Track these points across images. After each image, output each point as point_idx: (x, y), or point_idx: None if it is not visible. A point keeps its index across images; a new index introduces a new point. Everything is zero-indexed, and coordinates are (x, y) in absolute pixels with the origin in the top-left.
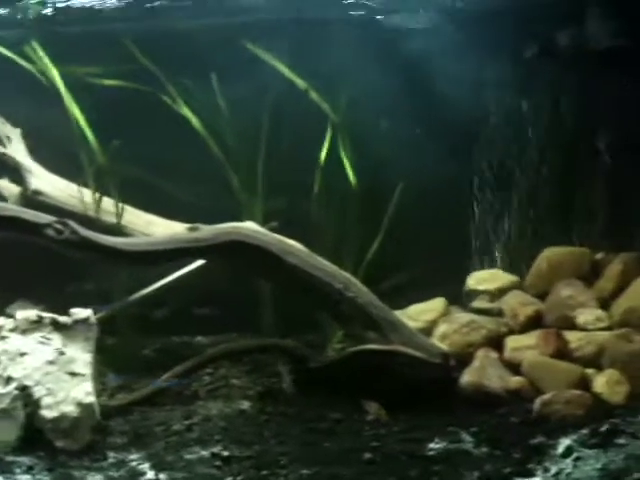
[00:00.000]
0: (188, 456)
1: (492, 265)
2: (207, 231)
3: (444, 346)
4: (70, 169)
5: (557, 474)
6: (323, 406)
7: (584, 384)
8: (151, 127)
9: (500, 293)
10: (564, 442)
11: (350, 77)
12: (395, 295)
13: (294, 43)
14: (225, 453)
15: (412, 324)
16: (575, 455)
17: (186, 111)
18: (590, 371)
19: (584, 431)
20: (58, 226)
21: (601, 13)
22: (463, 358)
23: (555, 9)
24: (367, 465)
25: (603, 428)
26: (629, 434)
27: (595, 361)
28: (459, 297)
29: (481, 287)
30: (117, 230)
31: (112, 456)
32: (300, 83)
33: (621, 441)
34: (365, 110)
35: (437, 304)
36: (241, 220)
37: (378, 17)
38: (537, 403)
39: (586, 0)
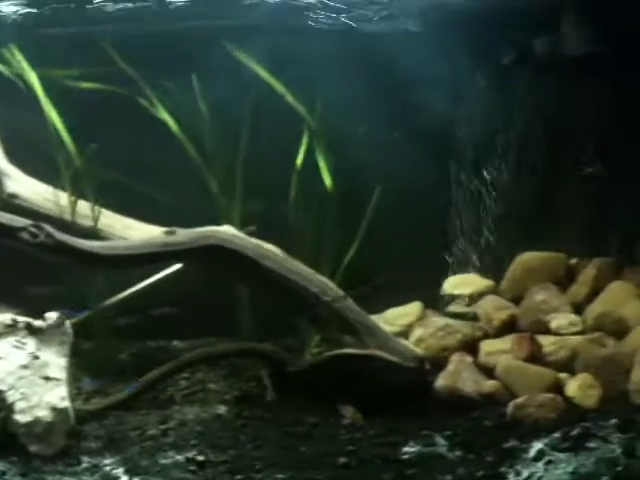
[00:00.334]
0: (163, 461)
1: (468, 269)
2: (184, 235)
3: (419, 350)
4: (48, 172)
5: (528, 478)
6: (300, 410)
7: (557, 388)
8: (129, 130)
9: (476, 297)
10: (536, 446)
11: (327, 82)
12: (372, 299)
13: (273, 47)
14: (200, 458)
15: (389, 328)
16: (546, 459)
17: (164, 114)
18: (563, 375)
19: (556, 435)
20: (33, 229)
21: (577, 20)
22: (438, 362)
23: (532, 16)
24: (342, 469)
25: (575, 432)
26: (600, 438)
27: (568, 365)
28: (436, 301)
29: (457, 291)
30: (93, 234)
31: (86, 461)
32: (278, 87)
33: (592, 445)
34: (343, 115)
35: (413, 308)
36: (219, 224)
37: (356, 23)
38: (510, 407)
39: (562, 7)
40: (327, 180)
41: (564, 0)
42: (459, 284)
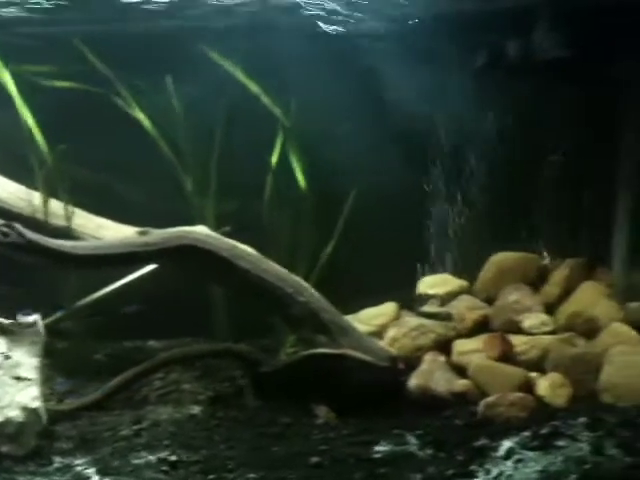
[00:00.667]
0: (135, 461)
1: (443, 270)
2: (157, 235)
3: (393, 350)
4: (21, 171)
5: (498, 476)
6: (274, 410)
7: (528, 387)
8: (105, 129)
9: (450, 297)
10: (506, 444)
11: (303, 83)
12: (348, 299)
13: (248, 48)
14: (172, 458)
15: (363, 328)
16: (516, 457)
17: (139, 113)
18: (534, 374)
19: (526, 433)
20: (4, 229)
21: (548, 24)
22: (412, 362)
23: (504, 19)
24: (314, 469)
25: (544, 430)
26: (569, 437)
27: (539, 364)
28: (411, 301)
29: (431, 291)
30: (66, 233)
31: (58, 461)
32: (253, 87)
33: (561, 443)
34: (319, 116)
35: (388, 308)
36: (194, 223)
37: (329, 25)
38: (481, 406)
39: (534, 11)
40: (301, 180)
41: (536, 5)
42: (434, 284)
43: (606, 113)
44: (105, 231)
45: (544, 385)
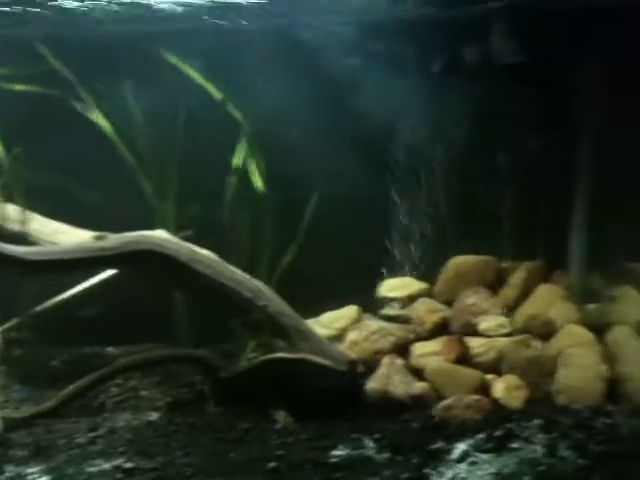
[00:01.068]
0: (89, 469)
1: (405, 273)
2: (114, 240)
3: (353, 353)
4: None
5: (451, 479)
6: (233, 416)
7: (484, 389)
8: (64, 133)
9: (410, 300)
10: (461, 447)
11: (263, 87)
12: (311, 302)
13: (209, 52)
14: (128, 465)
15: (325, 332)
16: (470, 460)
17: (99, 117)
18: (490, 376)
19: (481, 436)
20: None
21: (504, 30)
22: (372, 365)
23: (462, 25)
24: (271, 474)
25: (499, 433)
26: (523, 439)
27: (496, 367)
28: (373, 304)
29: (392, 294)
30: (22, 238)
31: (10, 470)
32: (214, 92)
33: (515, 445)
34: (279, 120)
35: (350, 311)
36: (155, 228)
37: (290, 29)
38: (438, 408)
39: (490, 17)
40: (258, 183)
41: (494, 11)
42: (395, 287)
43: (563, 117)
44: (62, 236)
45: (500, 387)
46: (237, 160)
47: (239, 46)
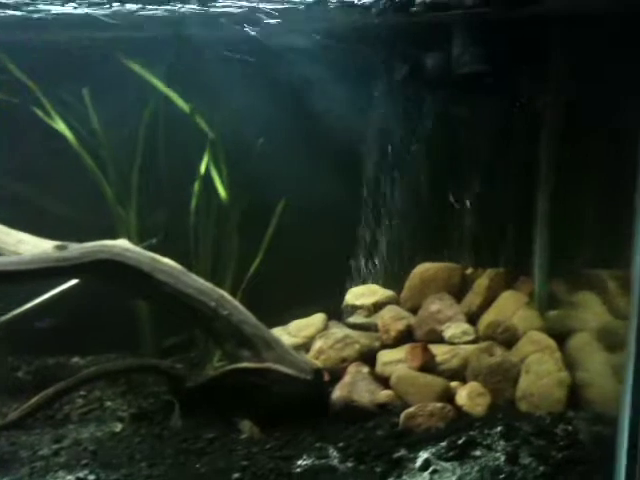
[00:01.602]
0: None
1: (371, 280)
2: (75, 250)
3: (319, 362)
4: None
5: None
6: (198, 426)
7: (449, 397)
8: (25, 141)
9: (376, 308)
10: (423, 455)
11: (228, 95)
12: (279, 311)
13: (173, 59)
14: (91, 477)
15: (292, 340)
16: (432, 468)
17: (60, 124)
18: (455, 384)
19: (443, 444)
20: None
21: (464, 38)
22: (338, 373)
23: (424, 33)
24: None
25: (461, 440)
26: (485, 446)
27: (460, 374)
28: (341, 312)
29: (359, 302)
30: None
31: None
32: (177, 100)
33: (477, 453)
34: (243, 127)
35: (317, 320)
36: (119, 237)
37: (255, 36)
38: (402, 417)
39: (451, 25)
40: (221, 192)
41: (455, 19)
42: (361, 295)
43: (523, 124)
44: (24, 246)
45: (463, 394)
46: (202, 168)
47: (204, 54)
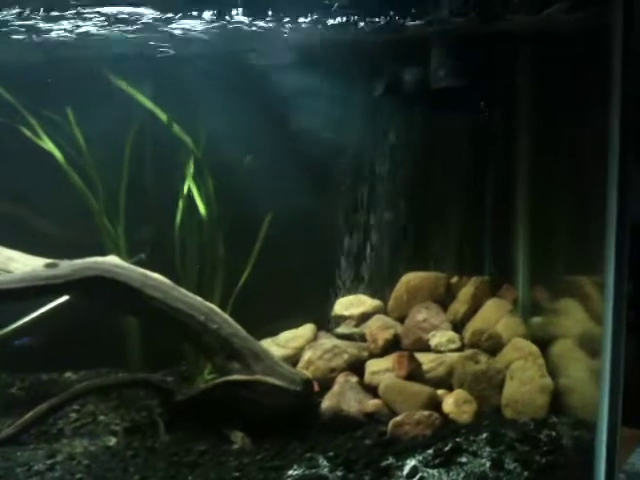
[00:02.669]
0: None
1: (358, 290)
2: (65, 267)
3: (309, 372)
4: None
5: None
6: (190, 439)
7: (435, 404)
8: (13, 160)
9: (364, 318)
10: (410, 463)
11: (212, 112)
12: (268, 323)
13: (159, 77)
14: None
15: (281, 351)
16: (419, 475)
17: (48, 143)
18: (441, 391)
19: (430, 451)
20: None
21: (442, 53)
22: (327, 383)
23: (402, 48)
24: None
25: (447, 447)
26: (471, 453)
27: (446, 382)
28: (329, 322)
29: (347, 312)
30: None
31: None
32: (160, 115)
33: (463, 460)
34: (227, 144)
35: (306, 330)
36: (108, 253)
37: (235, 53)
38: (390, 425)
39: (429, 40)
40: (201, 208)
41: (431, 35)
42: (349, 305)
43: (501, 136)
44: (15, 264)
45: (450, 402)
46: (186, 184)
47: (188, 71)
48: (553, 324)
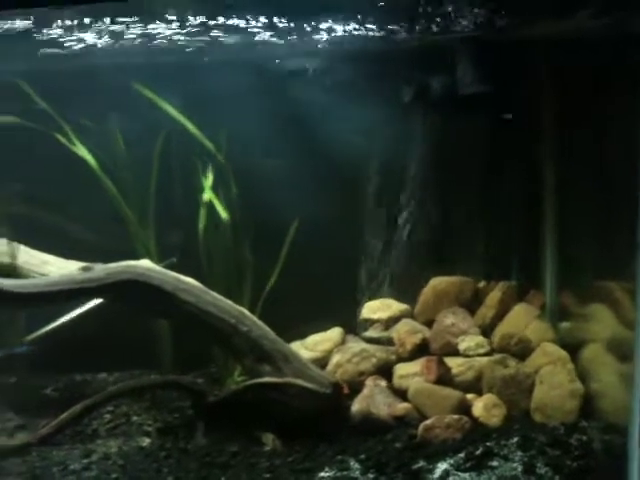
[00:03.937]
0: None
1: (386, 294)
2: (100, 270)
3: (337, 375)
4: None
5: None
6: (222, 440)
7: (465, 408)
8: (49, 167)
9: (392, 322)
10: (442, 466)
11: (235, 118)
12: (295, 326)
13: (185, 85)
14: None
15: (309, 354)
16: (451, 478)
17: (82, 150)
18: (470, 396)
19: (461, 455)
20: None
21: (468, 61)
22: (355, 387)
23: (430, 55)
24: None
25: (478, 451)
26: (502, 456)
27: (476, 386)
28: (357, 326)
29: (374, 316)
30: (11, 270)
31: None
32: (185, 122)
33: (494, 464)
34: (252, 150)
35: (334, 334)
36: (140, 257)
37: (261, 60)
38: (420, 428)
39: (455, 48)
40: (222, 213)
41: (457, 41)
42: (376, 309)
43: (529, 141)
44: (50, 267)
45: (479, 406)
46: (208, 189)
47: (214, 78)
48: (582, 329)
